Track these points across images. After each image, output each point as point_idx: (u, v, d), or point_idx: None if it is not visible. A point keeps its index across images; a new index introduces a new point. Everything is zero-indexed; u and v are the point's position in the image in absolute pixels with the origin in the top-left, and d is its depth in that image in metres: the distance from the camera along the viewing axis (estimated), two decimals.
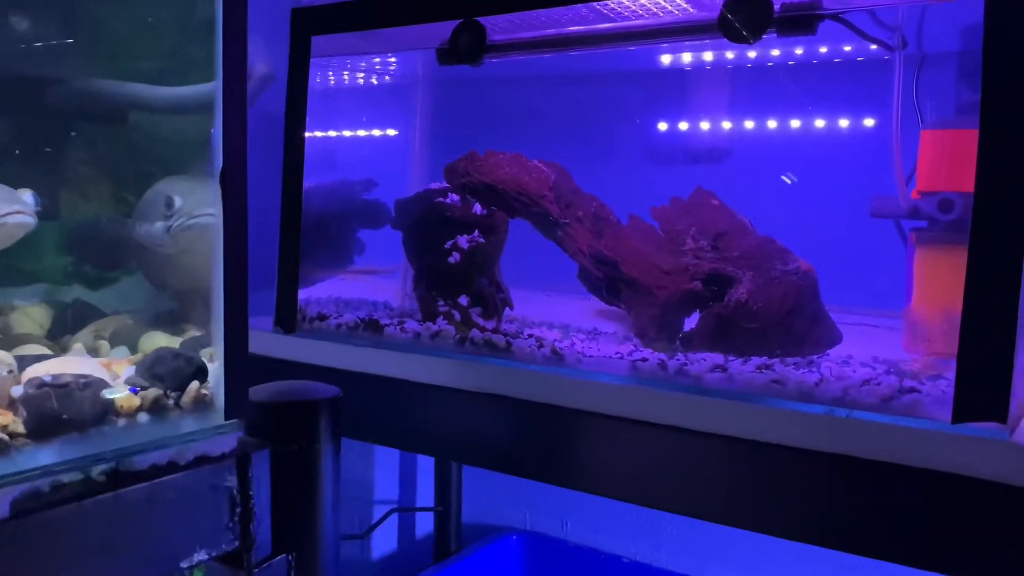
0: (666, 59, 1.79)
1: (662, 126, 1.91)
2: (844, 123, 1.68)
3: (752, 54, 1.71)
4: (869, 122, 1.64)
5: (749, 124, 1.83)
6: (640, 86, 1.89)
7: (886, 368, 1.16)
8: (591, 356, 1.28)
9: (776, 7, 1.10)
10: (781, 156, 1.70)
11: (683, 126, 1.89)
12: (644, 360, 1.22)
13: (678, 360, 1.22)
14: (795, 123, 1.76)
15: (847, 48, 1.45)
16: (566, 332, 1.54)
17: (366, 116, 1.88)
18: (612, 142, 1.91)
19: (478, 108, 1.80)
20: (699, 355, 1.24)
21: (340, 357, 1.45)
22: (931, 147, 1.25)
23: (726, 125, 1.84)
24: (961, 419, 0.96)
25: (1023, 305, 0.95)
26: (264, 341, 1.53)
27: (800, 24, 1.09)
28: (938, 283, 1.27)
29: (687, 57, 1.77)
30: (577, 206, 1.47)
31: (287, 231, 1.57)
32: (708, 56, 1.76)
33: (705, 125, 1.86)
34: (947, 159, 1.23)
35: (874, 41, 1.19)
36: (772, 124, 1.80)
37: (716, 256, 1.34)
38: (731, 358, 1.22)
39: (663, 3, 1.30)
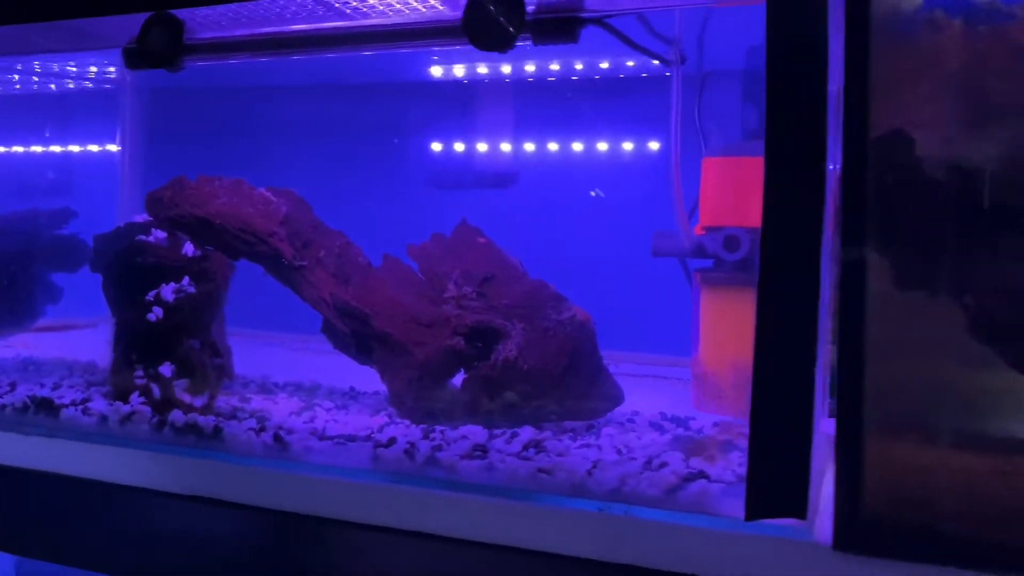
0: (437, 71, 1.57)
1: (436, 146, 1.70)
2: (629, 147, 1.53)
3: (531, 67, 1.53)
4: (655, 146, 1.50)
5: (530, 147, 1.66)
6: (414, 100, 1.66)
7: (672, 439, 0.99)
8: (327, 440, 1.01)
9: (529, 9, 0.90)
10: (563, 182, 1.53)
11: (459, 147, 1.68)
12: (387, 446, 0.97)
13: (432, 441, 0.98)
14: (578, 146, 1.60)
15: (631, 63, 1.29)
16: (312, 397, 1.27)
17: (59, 131, 1.51)
18: (379, 163, 1.66)
19: (207, 121, 1.49)
20: (459, 432, 1.01)
21: (2, 449, 1.10)
22: (714, 176, 1.09)
23: (505, 147, 1.65)
24: (755, 516, 0.78)
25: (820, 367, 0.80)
26: None
27: (559, 29, 0.89)
28: (725, 330, 1.12)
29: (459, 70, 1.57)
30: (318, 244, 1.20)
31: None
32: (483, 69, 1.57)
33: (482, 147, 1.67)
34: (731, 190, 1.08)
35: (645, 53, 1.02)
36: (554, 147, 1.63)
37: (482, 305, 1.12)
38: (496, 433, 1.00)
39: (412, 1, 1.06)
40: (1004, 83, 1.15)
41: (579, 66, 1.48)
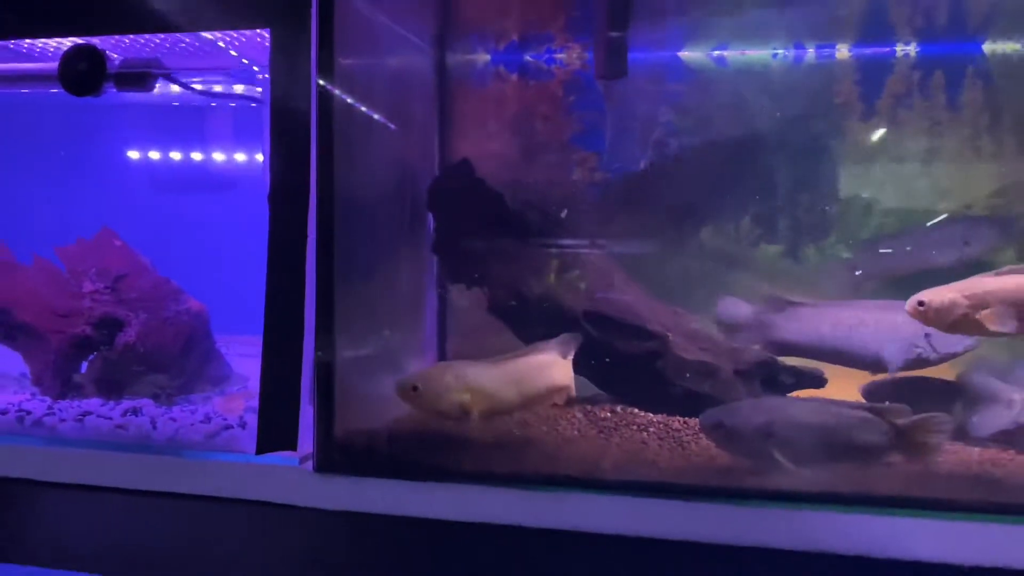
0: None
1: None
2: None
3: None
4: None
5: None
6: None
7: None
8: None
9: (114, 64, 1.14)
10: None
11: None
12: (3, 413, 1.18)
13: (49, 411, 1.20)
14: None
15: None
16: None
17: None
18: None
19: None
20: (77, 403, 1.23)
21: None
22: None
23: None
24: (262, 450, 1.06)
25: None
26: None
27: (136, 81, 1.14)
28: None
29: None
30: None
31: None
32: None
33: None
34: None
35: (205, 94, 1.28)
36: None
37: (112, 299, 1.34)
38: (107, 403, 1.23)
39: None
40: (546, 124, 1.50)
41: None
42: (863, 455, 1.00)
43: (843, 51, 1.40)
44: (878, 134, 1.39)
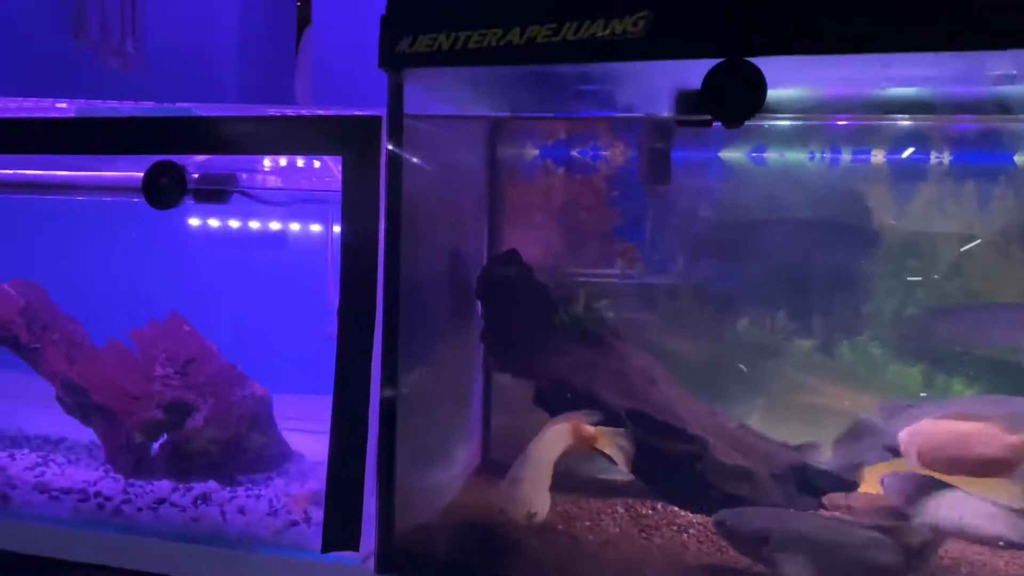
0: None
1: None
2: None
3: None
4: None
5: None
6: None
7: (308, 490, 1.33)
8: (45, 493, 1.30)
9: (191, 181, 1.23)
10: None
11: None
12: (85, 500, 1.27)
13: (123, 496, 1.28)
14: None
15: None
16: (54, 451, 1.54)
17: None
18: None
19: None
20: (150, 485, 1.32)
21: None
22: None
23: None
24: (327, 549, 1.14)
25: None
26: None
27: (214, 196, 1.23)
28: None
29: None
30: (53, 329, 1.48)
31: None
32: None
33: None
34: None
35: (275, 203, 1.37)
36: None
37: (182, 383, 1.43)
38: (179, 487, 1.32)
39: None
40: (589, 215, 1.57)
41: None
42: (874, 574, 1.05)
43: (878, 157, 1.46)
44: (910, 237, 1.45)
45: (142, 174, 1.24)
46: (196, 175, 1.24)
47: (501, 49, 1.05)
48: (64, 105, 1.25)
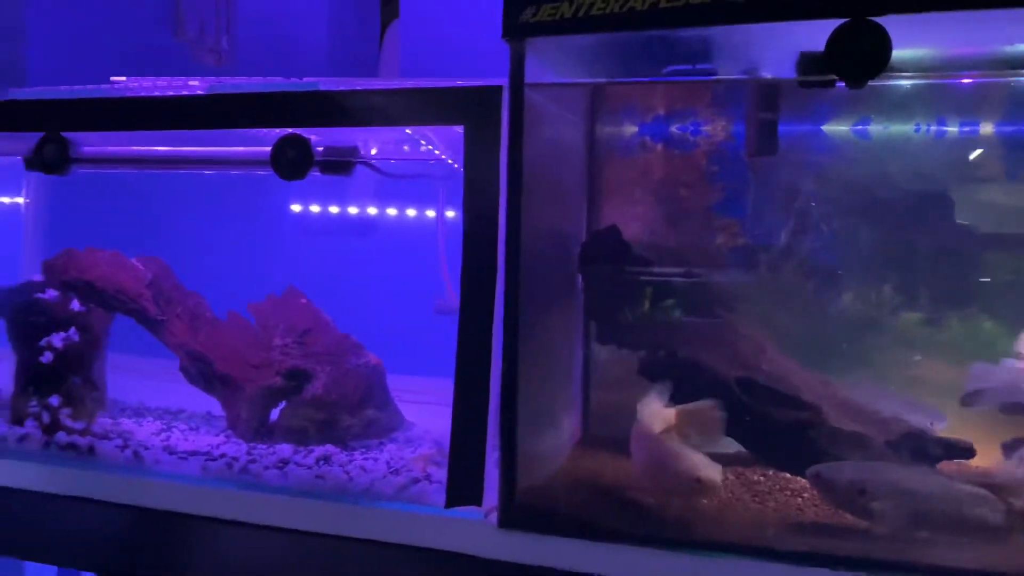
0: None
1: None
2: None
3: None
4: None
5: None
6: None
7: (419, 452, 1.38)
8: (174, 455, 1.37)
9: (317, 152, 1.28)
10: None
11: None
12: (214, 460, 1.33)
13: (250, 456, 1.34)
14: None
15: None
16: (174, 420, 1.62)
17: None
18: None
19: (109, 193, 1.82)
20: (271, 448, 1.38)
21: None
22: None
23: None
24: (451, 504, 1.17)
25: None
26: None
27: (338, 167, 1.28)
28: None
29: None
30: (177, 302, 1.56)
31: None
32: None
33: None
34: None
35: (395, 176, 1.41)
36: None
37: (300, 352, 1.49)
38: (299, 449, 1.37)
39: None
40: (689, 191, 1.59)
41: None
42: (974, 532, 1.05)
43: (987, 128, 1.44)
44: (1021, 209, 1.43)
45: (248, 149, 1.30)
46: (320, 148, 1.29)
47: (624, 15, 1.08)
48: (196, 83, 1.32)
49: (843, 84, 1.06)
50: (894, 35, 1.02)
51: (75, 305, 1.53)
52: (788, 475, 1.27)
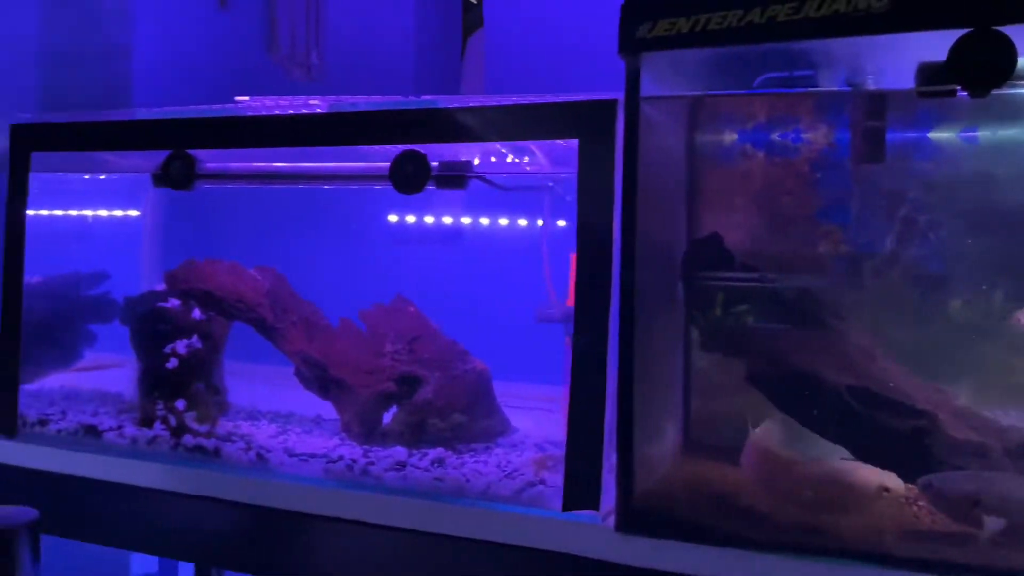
0: None
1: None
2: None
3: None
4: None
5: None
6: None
7: (529, 457, 1.41)
8: (295, 457, 1.43)
9: (434, 167, 1.33)
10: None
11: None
12: (335, 462, 1.39)
13: (367, 459, 1.40)
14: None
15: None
16: (288, 423, 1.69)
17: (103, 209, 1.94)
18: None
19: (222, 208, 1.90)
20: (388, 451, 1.43)
21: (61, 463, 1.52)
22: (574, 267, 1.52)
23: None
24: (568, 508, 1.21)
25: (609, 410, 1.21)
26: None
27: (454, 181, 1.33)
28: None
29: None
30: (292, 311, 1.63)
31: (6, 332, 1.61)
32: None
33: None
34: None
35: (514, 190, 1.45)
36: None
37: (410, 358, 1.54)
38: (414, 452, 1.42)
39: None
40: (791, 199, 1.59)
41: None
42: None
43: None
44: None
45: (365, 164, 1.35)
46: (435, 163, 1.34)
47: (741, 29, 1.10)
48: (316, 102, 1.39)
49: (965, 94, 1.06)
50: (1019, 44, 1.02)
51: (196, 313, 1.62)
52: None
